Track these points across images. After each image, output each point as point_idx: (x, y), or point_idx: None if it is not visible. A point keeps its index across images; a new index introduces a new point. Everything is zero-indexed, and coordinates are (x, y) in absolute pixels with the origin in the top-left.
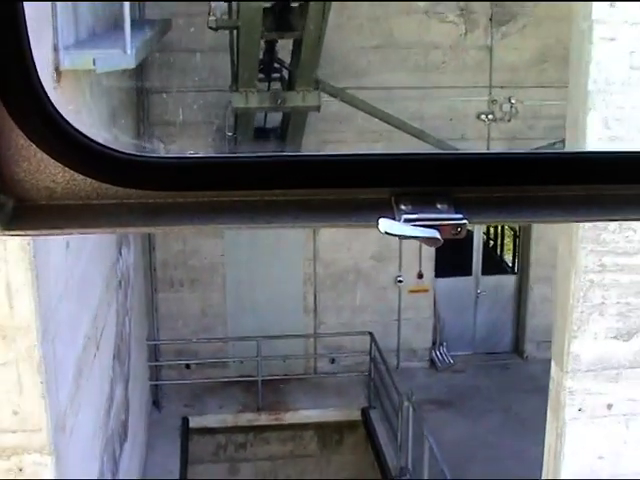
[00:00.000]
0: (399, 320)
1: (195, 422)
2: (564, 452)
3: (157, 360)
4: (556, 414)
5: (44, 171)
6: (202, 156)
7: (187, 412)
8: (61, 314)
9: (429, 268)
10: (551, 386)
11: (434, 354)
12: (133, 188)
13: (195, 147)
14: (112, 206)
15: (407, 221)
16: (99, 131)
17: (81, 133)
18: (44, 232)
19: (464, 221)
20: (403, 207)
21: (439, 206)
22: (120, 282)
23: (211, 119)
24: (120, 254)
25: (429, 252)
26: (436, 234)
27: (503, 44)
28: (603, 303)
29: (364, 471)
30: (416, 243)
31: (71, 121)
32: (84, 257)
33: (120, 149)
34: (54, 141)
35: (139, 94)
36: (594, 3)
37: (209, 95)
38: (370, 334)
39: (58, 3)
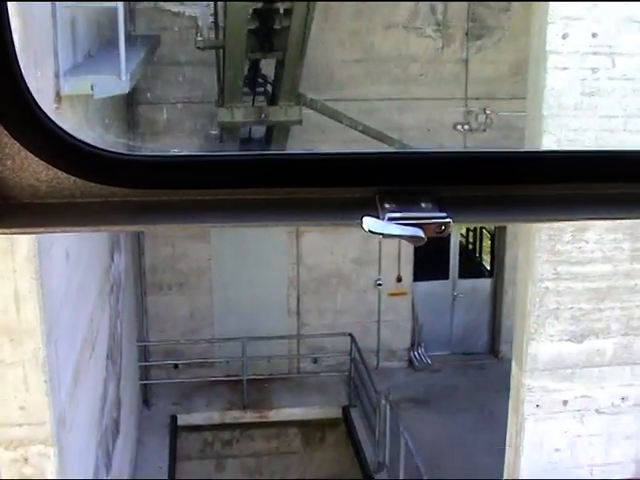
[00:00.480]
0: (379, 322)
1: (183, 420)
2: (523, 445)
3: (147, 360)
4: (516, 410)
5: (28, 169)
6: (187, 154)
7: (175, 410)
8: (62, 319)
9: (408, 272)
10: (511, 384)
11: (412, 354)
12: (117, 186)
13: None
14: (96, 204)
15: (391, 220)
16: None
17: (65, 131)
18: (28, 230)
19: (448, 220)
20: (387, 205)
21: (423, 205)
22: (112, 287)
23: (198, 128)
24: (112, 260)
25: (408, 256)
26: (420, 233)
27: (478, 57)
28: (558, 308)
29: (345, 467)
30: (395, 248)
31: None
32: (82, 265)
33: (104, 147)
34: (38, 139)
35: (129, 105)
36: (548, 39)
37: (197, 106)
38: (350, 335)
39: (58, 25)
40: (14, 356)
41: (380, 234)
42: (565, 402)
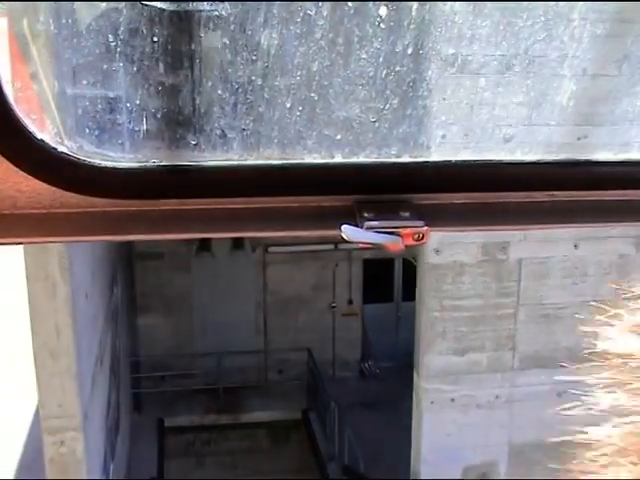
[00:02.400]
0: (334, 338)
1: (169, 422)
2: (422, 432)
3: (138, 372)
4: (417, 405)
5: (8, 180)
6: (166, 165)
7: (162, 414)
8: (84, 342)
9: (358, 296)
10: (413, 387)
11: (363, 366)
12: (97, 197)
13: None
14: (76, 215)
15: (369, 228)
16: None
17: (45, 142)
18: (7, 241)
19: (425, 228)
20: (366, 214)
21: (401, 213)
22: (113, 313)
23: None
24: (112, 292)
25: (358, 282)
26: (398, 240)
27: None
28: (444, 331)
29: (305, 459)
30: (347, 275)
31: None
32: (94, 301)
33: (84, 157)
34: (17, 149)
35: None
36: None
37: None
38: (308, 350)
39: None
40: (54, 369)
41: (358, 242)
42: (453, 399)
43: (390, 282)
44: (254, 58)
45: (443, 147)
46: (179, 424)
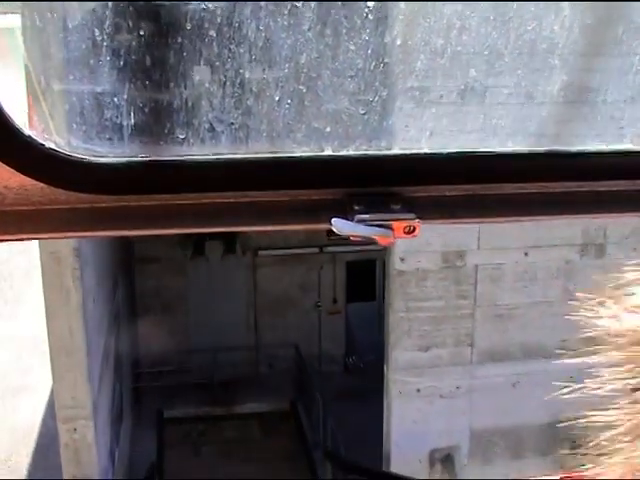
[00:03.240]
0: (320, 335)
1: (167, 414)
2: (392, 418)
3: (138, 368)
4: (387, 395)
5: None
6: (154, 159)
7: (161, 406)
8: (93, 341)
9: (342, 295)
10: (384, 379)
11: (347, 360)
12: (85, 192)
13: None
14: (64, 211)
15: (360, 221)
16: None
17: (32, 137)
18: None
19: (416, 220)
20: (356, 207)
21: (392, 206)
22: (116, 314)
23: None
24: (115, 295)
25: (342, 282)
26: (389, 233)
27: None
28: (409, 330)
29: (293, 447)
30: (332, 276)
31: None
32: (100, 303)
33: (72, 152)
34: (4, 145)
35: None
36: None
37: None
38: (296, 346)
39: None
40: (68, 365)
41: (349, 235)
42: (418, 390)
43: (372, 282)
44: (241, 51)
45: (433, 139)
46: (176, 415)
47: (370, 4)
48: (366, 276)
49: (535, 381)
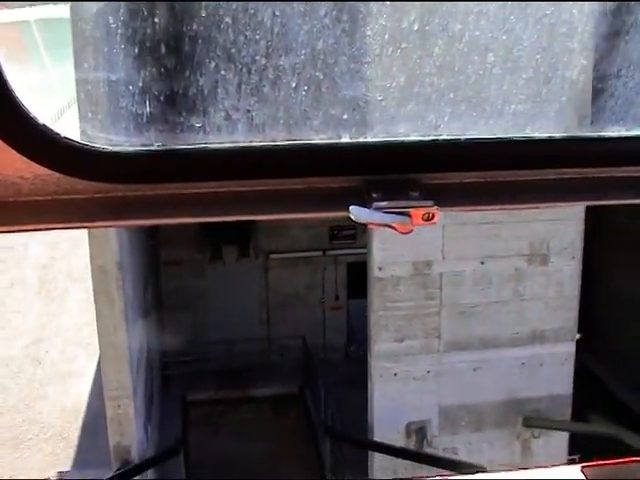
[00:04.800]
0: (324, 327)
1: (190, 397)
2: (374, 398)
3: (165, 358)
4: (370, 379)
5: (10, 166)
6: (171, 148)
7: (185, 391)
8: (132, 336)
9: (343, 292)
10: (367, 365)
11: (348, 349)
12: (101, 182)
13: None
14: (80, 201)
15: (378, 209)
16: None
17: (47, 127)
18: (12, 229)
19: (434, 207)
20: (374, 194)
21: (410, 193)
22: (146, 312)
23: None
24: (145, 295)
25: (343, 281)
26: (407, 220)
27: None
28: (387, 325)
29: (301, 425)
30: (333, 276)
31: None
32: (136, 304)
33: (87, 142)
34: (20, 135)
35: None
36: None
37: None
38: (303, 337)
39: None
40: (114, 356)
41: (367, 223)
42: (395, 374)
43: None
44: (257, 37)
45: (451, 125)
46: (198, 399)
47: None
48: (365, 276)
49: (492, 366)
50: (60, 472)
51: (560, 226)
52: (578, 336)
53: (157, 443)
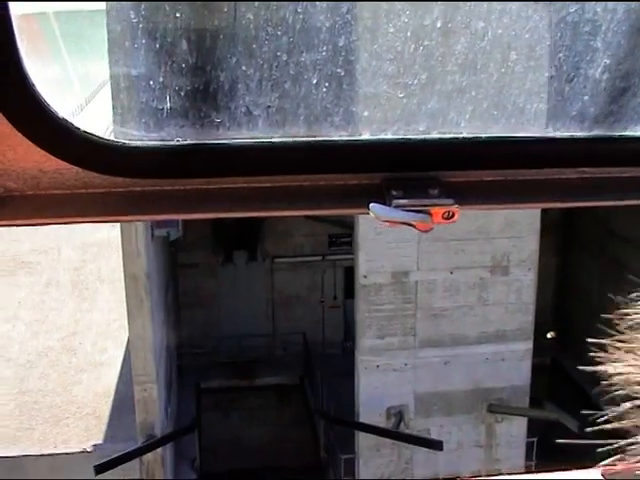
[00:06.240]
0: (323, 324)
1: (203, 385)
2: (360, 385)
3: (181, 350)
4: (356, 370)
5: (30, 160)
6: (190, 143)
7: (198, 380)
8: (156, 331)
9: (341, 293)
10: (355, 359)
11: (344, 345)
12: (120, 176)
13: None
14: (99, 195)
15: (398, 206)
16: None
17: (67, 121)
18: (31, 222)
19: (455, 206)
20: (394, 192)
21: (430, 191)
22: (167, 310)
23: None
24: (166, 295)
25: (340, 283)
26: (427, 219)
27: None
28: (370, 325)
29: (301, 411)
30: (332, 278)
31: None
32: (160, 304)
33: (106, 136)
34: (40, 129)
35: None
36: None
37: None
38: (303, 333)
39: None
40: (142, 347)
41: (387, 220)
42: (378, 366)
43: None
44: (279, 33)
45: (472, 123)
46: (210, 386)
47: None
48: None
49: (460, 361)
50: (94, 445)
51: (519, 242)
52: (550, 335)
53: (175, 423)
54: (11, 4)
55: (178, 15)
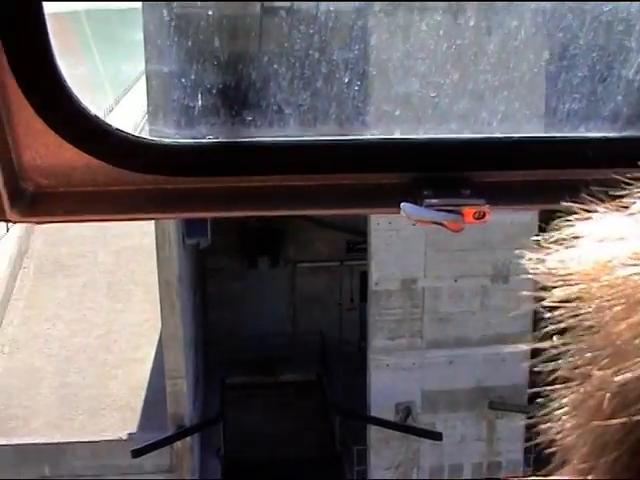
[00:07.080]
0: (340, 324)
1: (228, 381)
2: (372, 384)
3: (207, 348)
4: (368, 368)
5: (62, 157)
6: (221, 141)
7: (223, 375)
8: (187, 331)
9: (357, 296)
10: (367, 358)
11: (360, 344)
12: (152, 174)
13: None
14: (130, 192)
15: (429, 206)
16: None
17: (99, 118)
18: (62, 219)
19: (486, 206)
20: (425, 192)
21: (462, 191)
22: (195, 311)
23: None
24: (195, 297)
25: (357, 287)
26: (459, 219)
27: None
28: (382, 327)
29: (318, 405)
30: (349, 282)
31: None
32: (189, 305)
33: (137, 134)
34: (72, 126)
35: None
36: None
37: None
38: (321, 332)
39: None
40: (173, 346)
41: (418, 220)
42: (388, 365)
43: None
44: (311, 32)
45: (505, 123)
46: (235, 382)
47: None
48: None
49: (464, 361)
50: (129, 434)
51: (518, 253)
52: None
53: (201, 415)
54: (45, 4)
55: (210, 14)
